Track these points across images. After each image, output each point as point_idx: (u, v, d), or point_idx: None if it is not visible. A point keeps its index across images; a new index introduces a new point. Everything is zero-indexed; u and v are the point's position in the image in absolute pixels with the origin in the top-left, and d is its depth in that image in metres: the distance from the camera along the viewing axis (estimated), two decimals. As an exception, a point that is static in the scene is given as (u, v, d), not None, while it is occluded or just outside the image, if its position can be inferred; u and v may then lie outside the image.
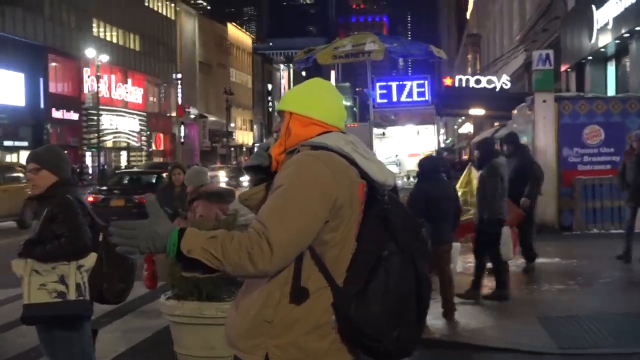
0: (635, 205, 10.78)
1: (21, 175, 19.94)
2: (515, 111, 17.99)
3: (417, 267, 2.47)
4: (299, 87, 2.69)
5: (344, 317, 2.38)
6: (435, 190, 7.50)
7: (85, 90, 51.79)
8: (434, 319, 7.33)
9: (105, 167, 51.14)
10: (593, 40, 18.92)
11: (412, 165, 14.54)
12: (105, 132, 54.07)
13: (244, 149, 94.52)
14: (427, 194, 7.42)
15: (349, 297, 2.38)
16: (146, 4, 65.51)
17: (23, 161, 41.47)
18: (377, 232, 2.45)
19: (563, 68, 23.02)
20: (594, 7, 18.59)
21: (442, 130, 70.25)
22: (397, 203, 2.54)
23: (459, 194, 9.51)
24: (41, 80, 46.44)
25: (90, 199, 18.51)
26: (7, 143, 43.35)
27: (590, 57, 20.32)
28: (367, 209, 2.48)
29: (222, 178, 41.49)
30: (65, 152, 5.04)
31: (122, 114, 58.43)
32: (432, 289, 2.62)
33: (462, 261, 10.01)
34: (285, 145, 2.58)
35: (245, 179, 30.62)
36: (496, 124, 34.86)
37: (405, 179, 13.05)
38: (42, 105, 46.43)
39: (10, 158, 43.47)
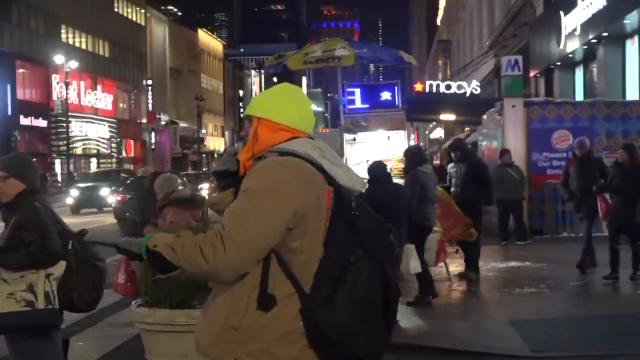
0: (587, 216, 10.07)
1: None
2: (485, 116, 18.14)
3: (384, 272, 2.47)
4: (267, 93, 2.69)
5: (311, 324, 2.38)
6: (385, 195, 7.55)
7: (54, 97, 51.26)
8: (404, 322, 7.36)
9: (75, 174, 50.55)
10: (561, 46, 19.15)
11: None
12: (75, 139, 53.54)
13: (216, 155, 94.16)
14: (377, 199, 7.42)
15: (316, 303, 2.37)
16: (115, 9, 65.06)
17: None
18: (345, 238, 2.44)
19: (532, 73, 23.27)
20: (562, 13, 18.83)
21: (413, 136, 70.56)
22: (364, 209, 2.52)
23: None
24: (9, 86, 45.85)
25: (119, 197, 21.38)
26: (-26, 150, 42.81)
27: (558, 63, 20.58)
28: (335, 215, 2.47)
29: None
30: (34, 159, 4.99)
31: (92, 120, 57.90)
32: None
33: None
34: (252, 150, 2.58)
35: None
36: (467, 129, 35.12)
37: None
38: (9, 112, 45.82)
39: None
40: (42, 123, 49.69)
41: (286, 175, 2.42)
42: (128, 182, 24.73)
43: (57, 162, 51.63)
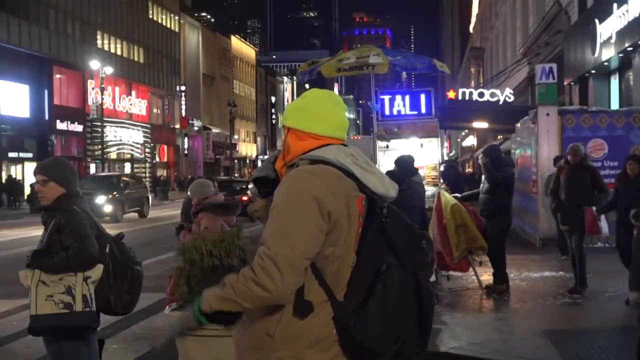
0: (573, 230, 9.41)
1: None
2: (518, 124, 18.01)
3: (418, 280, 2.46)
4: (296, 101, 2.69)
5: (344, 331, 2.38)
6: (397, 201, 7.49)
7: (90, 102, 51.94)
8: (438, 331, 7.33)
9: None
10: (596, 54, 18.96)
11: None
12: (109, 143, 54.16)
13: (248, 161, 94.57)
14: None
15: (348, 311, 2.38)
16: (150, 16, 65.75)
17: (27, 173, 41.76)
18: (376, 246, 2.44)
19: (566, 81, 23.05)
20: (597, 21, 18.65)
21: (446, 143, 70.26)
22: (396, 215, 2.52)
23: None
24: (46, 91, 46.57)
25: None
26: (11, 154, 43.43)
27: (593, 71, 20.36)
28: (367, 222, 2.48)
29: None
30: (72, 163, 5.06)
31: (126, 125, 58.54)
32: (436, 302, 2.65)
33: None
34: (285, 159, 2.61)
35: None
36: (500, 137, 34.88)
37: (409, 192, 13.06)
38: (46, 117, 46.54)
39: (15, 169, 43.55)
40: (77, 128, 50.36)
41: (315, 183, 2.42)
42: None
43: (92, 166, 52.24)
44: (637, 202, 8.12)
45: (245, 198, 23.81)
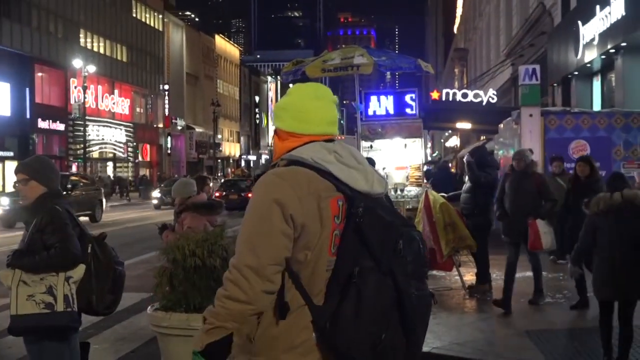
0: (512, 241, 8.77)
1: None
2: (501, 125, 18.09)
3: (396, 282, 2.35)
4: (281, 100, 2.66)
5: (321, 336, 2.36)
6: None
7: (72, 101, 51.64)
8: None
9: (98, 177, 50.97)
10: (579, 56, 19.07)
11: (399, 178, 14.57)
12: (92, 142, 53.90)
13: (231, 161, 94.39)
14: None
15: (324, 315, 2.35)
16: (134, 15, 65.49)
17: (8, 171, 41.41)
18: (352, 248, 2.37)
19: (549, 83, 23.19)
20: (580, 22, 18.76)
21: (429, 144, 70.45)
22: (374, 214, 2.40)
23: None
24: (27, 90, 46.24)
25: (217, 194, 23.90)
26: (-8, 153, 43.15)
27: (576, 72, 20.49)
28: (346, 223, 2.41)
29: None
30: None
31: (109, 124, 58.26)
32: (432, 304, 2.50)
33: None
34: (273, 159, 2.60)
35: None
36: (483, 137, 35.01)
37: (392, 192, 13.08)
38: (28, 116, 46.21)
39: (-4, 168, 43.23)
40: (59, 126, 50.06)
41: (279, 187, 2.37)
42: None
43: (74, 165, 51.95)
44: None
45: (250, 195, 24.06)
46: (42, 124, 47.74)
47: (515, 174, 8.83)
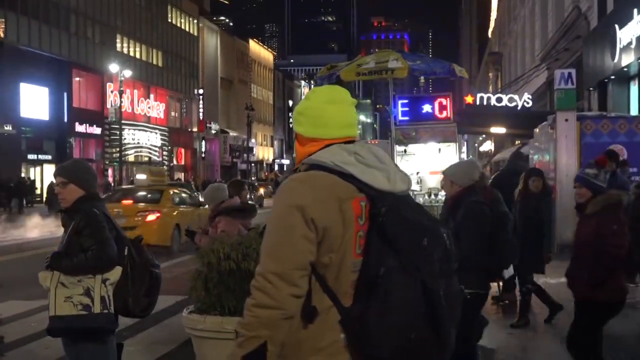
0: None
1: None
2: (536, 130, 17.92)
3: (424, 282, 2.34)
4: (299, 104, 2.66)
5: (350, 337, 2.35)
6: None
7: (108, 105, 52.29)
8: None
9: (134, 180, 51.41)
10: (616, 60, 18.84)
11: (433, 182, 14.51)
12: (127, 146, 54.47)
13: (265, 165, 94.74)
14: None
15: (353, 317, 2.35)
16: (169, 20, 66.12)
17: (46, 174, 42.07)
18: (377, 248, 2.37)
19: (585, 87, 22.93)
20: (617, 26, 18.53)
21: (463, 148, 70.05)
22: (397, 213, 2.39)
23: None
24: (65, 94, 46.96)
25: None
26: (31, 156, 43.82)
27: (612, 76, 20.23)
28: (370, 223, 2.41)
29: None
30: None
31: (144, 128, 58.87)
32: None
33: None
34: (295, 165, 2.62)
35: None
36: (517, 142, 34.71)
37: (426, 197, 13.04)
38: (65, 120, 46.93)
39: (34, 171, 43.89)
40: (96, 130, 50.73)
41: (300, 192, 2.39)
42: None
43: (110, 169, 52.56)
44: (538, 216, 8.02)
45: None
46: (79, 128, 48.42)
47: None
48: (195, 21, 71.80)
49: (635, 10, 16.87)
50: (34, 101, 43.55)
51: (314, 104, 2.58)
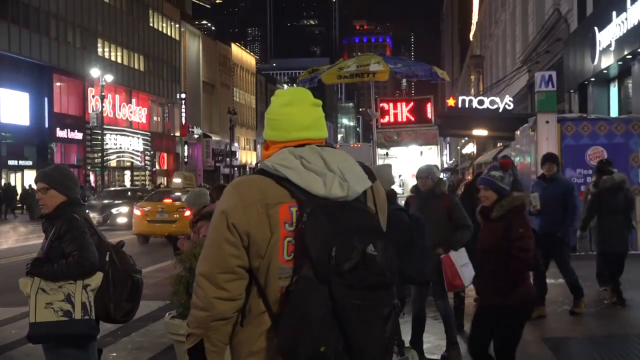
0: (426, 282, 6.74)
1: None
2: (518, 132, 18.04)
3: (332, 292, 2.23)
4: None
5: (278, 342, 2.32)
6: None
7: (90, 110, 52.01)
8: (432, 338, 7.30)
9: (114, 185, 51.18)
10: (596, 62, 19.00)
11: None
12: (109, 151, 54.21)
13: (248, 169, 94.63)
14: None
15: (278, 322, 2.34)
16: (151, 24, 65.90)
17: (27, 180, 41.75)
18: (297, 255, 2.34)
19: (566, 89, 23.11)
20: (596, 28, 18.69)
21: (445, 151, 70.31)
22: (318, 219, 2.30)
23: None
24: (46, 99, 46.67)
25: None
26: (11, 162, 43.49)
27: (593, 79, 20.41)
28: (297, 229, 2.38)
29: None
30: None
31: (126, 133, 58.62)
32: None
33: None
34: None
35: None
36: (499, 144, 34.91)
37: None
38: (46, 125, 46.62)
39: (15, 177, 43.57)
40: (77, 135, 50.44)
41: (229, 197, 2.44)
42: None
43: (92, 174, 52.26)
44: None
45: None
46: (61, 133, 48.13)
47: (420, 195, 7.26)
48: (177, 25, 71.62)
49: (614, 13, 17.04)
50: (14, 106, 43.24)
51: (272, 107, 2.59)
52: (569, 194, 8.51)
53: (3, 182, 41.03)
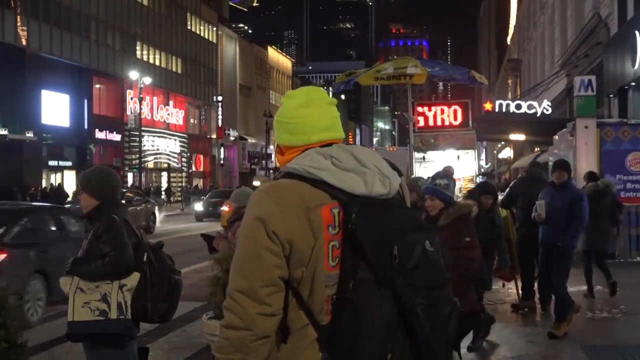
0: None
1: None
2: (556, 137, 17.84)
3: (398, 294, 2.12)
4: (278, 111, 2.52)
5: (328, 354, 2.19)
6: None
7: (128, 112, 52.65)
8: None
9: (151, 187, 51.83)
10: (636, 66, 18.72)
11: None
12: (147, 153, 54.78)
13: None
14: None
15: (328, 333, 2.18)
16: (188, 27, 66.50)
17: (67, 181, 42.36)
18: (348, 258, 2.17)
19: (605, 94, 22.79)
20: (637, 32, 18.41)
21: (482, 155, 69.82)
22: (369, 219, 2.18)
23: None
24: (85, 101, 47.33)
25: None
26: (51, 163, 44.17)
27: (633, 83, 20.10)
28: (343, 231, 2.21)
29: None
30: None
31: (164, 135, 59.19)
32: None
33: None
34: None
35: None
36: (537, 149, 34.57)
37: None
38: (85, 126, 47.28)
39: (55, 178, 44.23)
40: (116, 137, 51.07)
41: (263, 203, 2.23)
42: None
43: (129, 175, 52.87)
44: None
45: None
46: (99, 135, 48.78)
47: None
48: (215, 28, 72.15)
49: (656, 17, 16.76)
50: (55, 108, 43.91)
51: (286, 110, 2.43)
52: (575, 204, 8.24)
53: (51, 183, 41.68)
